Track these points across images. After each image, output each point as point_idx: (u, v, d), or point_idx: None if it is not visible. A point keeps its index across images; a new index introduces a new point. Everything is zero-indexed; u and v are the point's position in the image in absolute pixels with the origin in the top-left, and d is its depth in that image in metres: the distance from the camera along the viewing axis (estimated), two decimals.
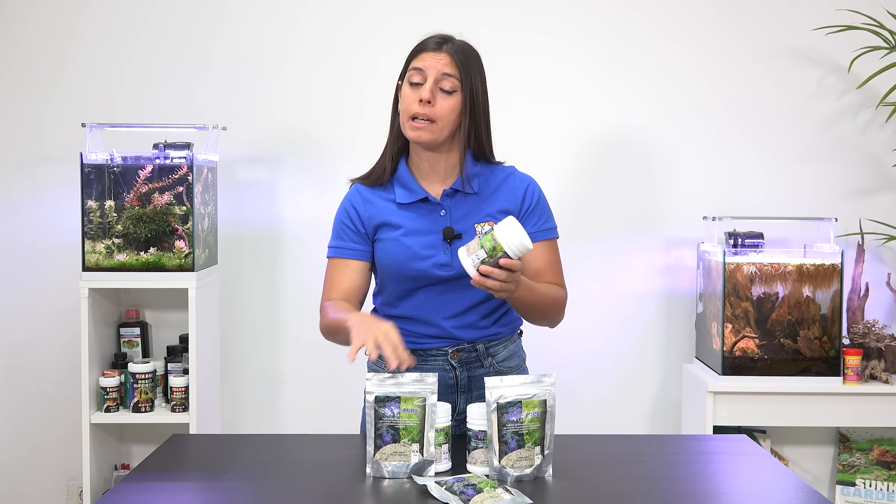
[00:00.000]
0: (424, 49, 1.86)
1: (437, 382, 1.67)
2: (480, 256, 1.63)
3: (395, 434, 1.61)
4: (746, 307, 2.83)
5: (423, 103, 1.81)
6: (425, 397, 1.61)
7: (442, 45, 1.85)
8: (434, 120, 1.82)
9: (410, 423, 1.60)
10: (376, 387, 1.62)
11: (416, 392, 1.61)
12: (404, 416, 1.60)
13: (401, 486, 1.57)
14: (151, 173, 2.77)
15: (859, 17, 2.98)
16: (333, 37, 3.12)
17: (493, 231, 1.63)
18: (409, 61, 1.88)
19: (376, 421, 1.61)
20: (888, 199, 3.10)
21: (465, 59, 1.84)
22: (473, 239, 1.68)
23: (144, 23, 3.11)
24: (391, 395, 1.60)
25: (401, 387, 1.61)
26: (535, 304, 1.82)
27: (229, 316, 3.14)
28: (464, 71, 1.84)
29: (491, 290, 1.66)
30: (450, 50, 1.84)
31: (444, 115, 1.83)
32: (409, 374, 1.63)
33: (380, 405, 1.61)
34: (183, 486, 1.63)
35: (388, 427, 1.61)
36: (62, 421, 3.12)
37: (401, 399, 1.60)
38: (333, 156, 3.11)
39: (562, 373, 3.00)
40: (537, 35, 3.11)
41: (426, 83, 1.82)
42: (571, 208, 3.10)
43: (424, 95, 1.81)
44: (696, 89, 3.12)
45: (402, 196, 1.88)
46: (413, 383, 1.62)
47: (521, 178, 1.94)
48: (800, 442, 3.08)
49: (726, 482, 1.66)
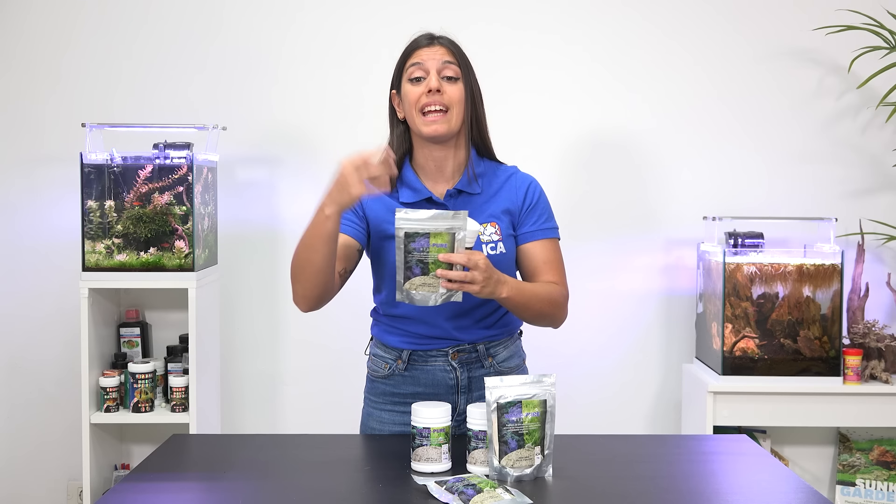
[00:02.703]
0: (418, 46, 1.87)
1: (467, 227, 1.65)
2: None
3: (424, 267, 1.63)
4: (746, 307, 2.83)
5: (432, 93, 1.82)
6: (454, 232, 1.62)
7: (434, 40, 1.88)
8: (446, 108, 1.83)
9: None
10: (405, 223, 1.62)
11: (445, 228, 1.62)
12: (433, 250, 1.62)
13: (401, 486, 1.57)
14: (151, 173, 2.77)
15: (859, 17, 2.98)
16: (332, 36, 3.12)
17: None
18: (402, 63, 1.88)
19: (406, 255, 1.62)
20: (888, 199, 3.10)
21: (459, 49, 1.88)
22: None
23: (144, 22, 3.11)
24: (420, 230, 1.62)
25: (429, 222, 1.61)
26: (528, 303, 1.80)
27: (229, 316, 3.14)
28: (461, 59, 1.87)
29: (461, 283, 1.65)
30: (444, 42, 1.88)
31: (455, 101, 1.84)
32: (436, 209, 1.63)
33: (409, 240, 1.62)
34: (183, 486, 1.63)
35: (417, 261, 1.63)
36: (62, 421, 3.12)
37: (430, 235, 1.62)
38: (333, 155, 3.07)
39: (562, 373, 3.00)
40: (537, 34, 3.11)
41: (429, 75, 1.83)
42: (571, 208, 3.10)
43: (433, 84, 1.82)
44: (697, 89, 3.12)
45: (405, 196, 1.88)
46: (442, 220, 1.62)
47: (523, 177, 1.95)
48: (800, 442, 3.08)
49: (726, 482, 1.66)
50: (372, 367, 1.96)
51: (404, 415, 1.88)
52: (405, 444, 1.74)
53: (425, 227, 1.62)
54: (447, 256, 1.64)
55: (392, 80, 1.92)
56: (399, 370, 1.90)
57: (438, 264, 1.63)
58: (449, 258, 1.64)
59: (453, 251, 1.63)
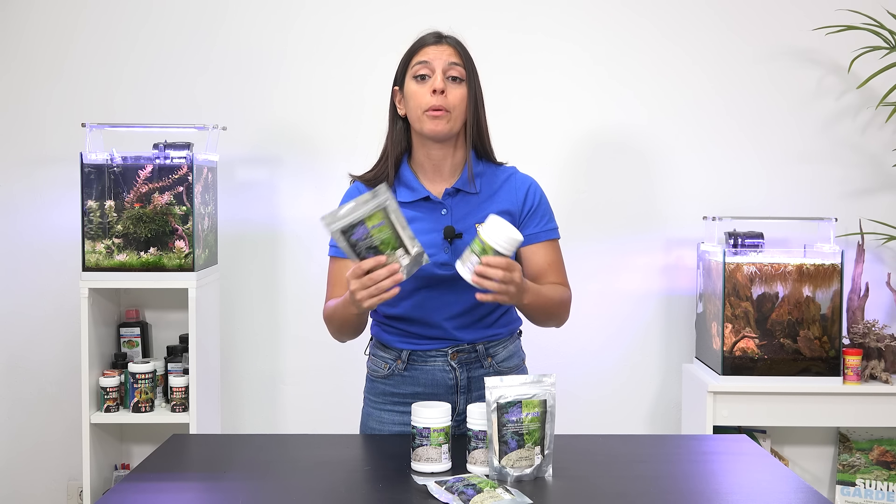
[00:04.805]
0: (425, 44, 1.87)
1: (392, 196, 1.63)
2: (474, 261, 1.65)
3: (376, 251, 1.63)
4: (746, 307, 2.83)
5: (436, 94, 1.82)
6: (385, 207, 1.61)
7: (441, 39, 1.88)
8: (449, 109, 1.83)
9: (384, 235, 1.62)
10: (336, 224, 1.60)
11: (374, 207, 1.60)
12: (375, 232, 1.61)
13: (401, 486, 1.57)
14: (151, 173, 2.77)
15: (859, 17, 2.98)
16: (333, 36, 3.12)
17: (479, 233, 1.65)
18: (408, 59, 1.88)
19: (354, 249, 1.63)
20: (888, 199, 3.10)
21: (465, 51, 1.88)
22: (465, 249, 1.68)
23: (144, 22, 3.11)
24: (353, 221, 1.60)
25: (355, 211, 1.60)
26: (544, 307, 1.84)
27: (229, 316, 3.14)
28: (467, 60, 1.87)
29: (494, 291, 1.66)
30: (451, 42, 1.88)
31: (458, 103, 1.84)
32: (360, 198, 1.61)
33: (349, 235, 1.61)
34: (183, 486, 1.63)
35: (366, 248, 1.62)
36: (62, 421, 3.12)
37: (364, 221, 1.61)
38: (333, 155, 3.10)
39: (562, 373, 3.00)
40: (537, 35, 3.11)
41: (435, 75, 1.83)
42: (571, 208, 3.10)
43: (438, 85, 1.82)
44: (696, 89, 3.12)
45: (403, 195, 1.88)
46: (366, 203, 1.61)
47: (523, 179, 1.95)
48: (800, 442, 3.08)
49: (726, 482, 1.66)
50: (371, 367, 1.96)
51: (404, 415, 1.88)
52: (405, 444, 1.74)
53: (356, 217, 1.60)
54: (488, 260, 1.64)
55: (395, 76, 1.91)
56: (399, 370, 1.90)
57: (388, 244, 1.62)
58: (489, 262, 1.64)
59: (393, 227, 1.62)
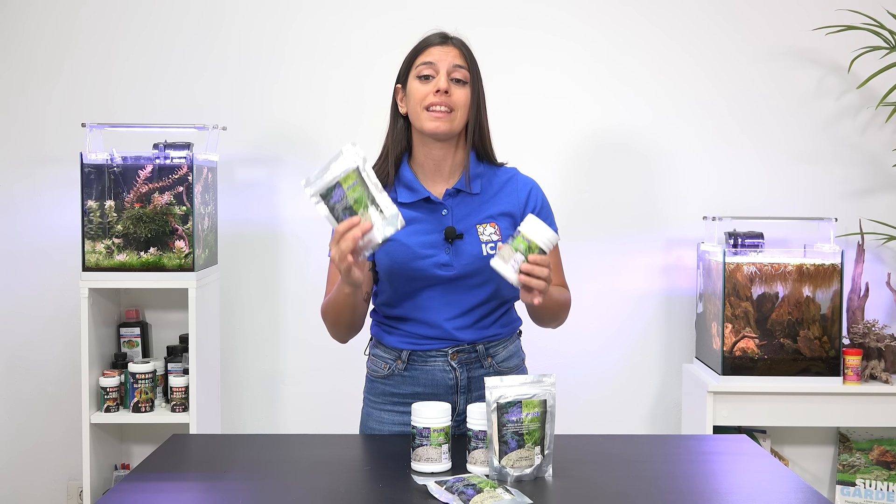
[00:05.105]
0: (430, 44, 1.87)
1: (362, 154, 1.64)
2: (519, 260, 1.66)
3: (350, 210, 1.63)
4: (746, 307, 2.83)
5: (439, 94, 1.82)
6: (357, 166, 1.62)
7: (448, 40, 1.88)
8: (452, 109, 1.83)
9: (356, 194, 1.63)
10: (313, 188, 1.62)
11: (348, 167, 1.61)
12: (350, 192, 1.62)
13: (401, 486, 1.57)
14: (151, 173, 2.77)
15: (859, 17, 2.98)
16: (333, 36, 3.12)
17: (522, 232, 1.66)
18: (413, 59, 1.88)
19: (332, 210, 1.64)
20: (888, 199, 3.11)
21: (470, 53, 1.88)
22: (503, 247, 1.68)
23: (144, 22, 3.11)
24: (329, 184, 1.62)
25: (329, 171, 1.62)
26: (552, 307, 1.87)
27: (229, 316, 3.14)
28: (472, 63, 1.87)
29: (536, 287, 1.66)
30: (457, 44, 1.88)
31: (461, 104, 1.84)
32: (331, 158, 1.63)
33: (328, 199, 1.63)
34: (183, 486, 1.63)
35: (343, 209, 1.63)
36: (62, 421, 3.12)
37: (339, 183, 1.62)
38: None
39: (562, 373, 3.00)
40: (538, 34, 3.11)
41: (439, 75, 1.83)
42: (571, 208, 3.10)
43: (442, 85, 1.82)
44: (697, 89, 3.12)
45: (403, 196, 1.88)
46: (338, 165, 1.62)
47: (524, 180, 1.94)
48: (800, 442, 3.08)
49: (726, 482, 1.66)
50: (371, 367, 1.96)
51: (404, 415, 1.88)
52: (405, 444, 1.74)
53: (332, 179, 1.62)
54: (535, 258, 1.64)
55: (399, 74, 1.91)
56: (398, 370, 1.90)
57: (361, 202, 1.63)
58: (536, 260, 1.64)
59: (366, 187, 1.62)
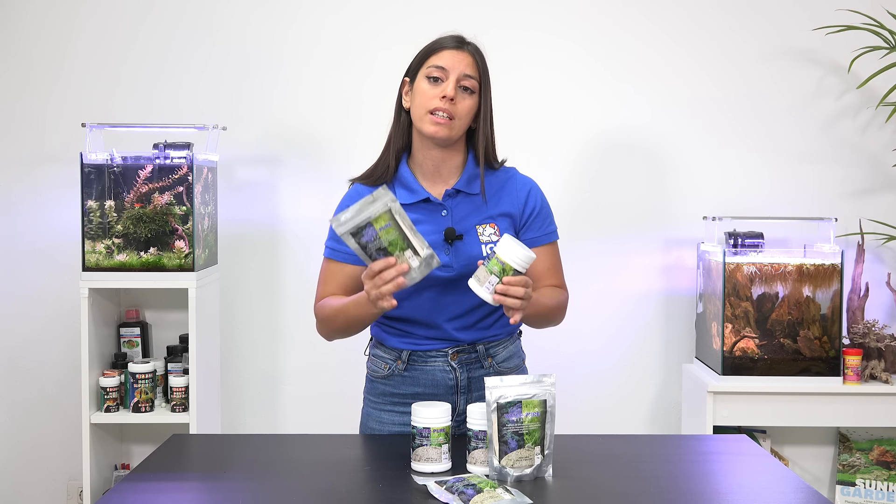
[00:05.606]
0: (444, 47, 1.85)
1: (394, 198, 1.64)
2: (493, 282, 1.66)
3: (386, 252, 1.63)
4: (746, 307, 2.83)
5: (445, 100, 1.81)
6: (389, 208, 1.61)
7: (462, 45, 1.86)
8: (454, 117, 1.82)
9: (391, 237, 1.62)
10: (344, 227, 1.61)
11: (380, 209, 1.61)
12: (383, 234, 1.62)
13: (401, 486, 1.57)
14: (151, 173, 2.77)
15: (859, 17, 2.98)
16: (333, 36, 3.12)
17: (497, 253, 1.66)
18: (425, 57, 1.86)
19: (365, 251, 1.64)
20: (888, 199, 3.10)
21: (483, 62, 1.87)
22: (480, 269, 1.68)
23: (144, 22, 3.11)
24: (360, 223, 1.61)
25: (361, 213, 1.61)
26: (542, 314, 1.85)
27: (229, 316, 3.14)
28: (483, 73, 1.86)
29: (512, 307, 1.66)
30: (471, 50, 1.86)
31: (464, 114, 1.84)
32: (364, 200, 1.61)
33: (359, 237, 1.62)
34: (183, 486, 1.63)
35: (376, 250, 1.63)
36: (62, 421, 3.12)
37: (371, 223, 1.61)
38: (333, 155, 3.10)
39: (562, 373, 3.00)
40: (540, 34, 3.11)
41: (448, 81, 1.82)
42: (572, 208, 3.10)
43: (449, 93, 1.81)
44: (697, 89, 3.12)
45: (403, 196, 1.88)
46: (370, 205, 1.61)
47: (523, 181, 1.94)
48: (800, 442, 3.08)
49: (726, 482, 1.66)
50: (371, 367, 1.96)
51: (404, 415, 1.88)
52: (405, 444, 1.74)
53: (363, 219, 1.61)
54: (510, 280, 1.64)
55: (409, 68, 1.90)
56: (399, 370, 1.90)
57: (396, 244, 1.63)
58: (511, 282, 1.64)
59: (398, 227, 1.62)
